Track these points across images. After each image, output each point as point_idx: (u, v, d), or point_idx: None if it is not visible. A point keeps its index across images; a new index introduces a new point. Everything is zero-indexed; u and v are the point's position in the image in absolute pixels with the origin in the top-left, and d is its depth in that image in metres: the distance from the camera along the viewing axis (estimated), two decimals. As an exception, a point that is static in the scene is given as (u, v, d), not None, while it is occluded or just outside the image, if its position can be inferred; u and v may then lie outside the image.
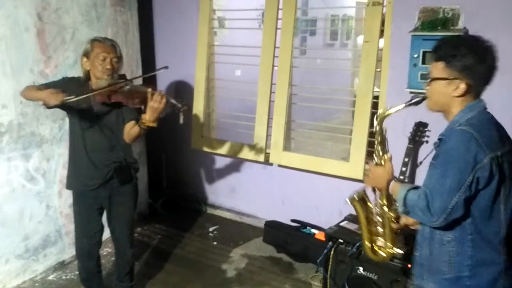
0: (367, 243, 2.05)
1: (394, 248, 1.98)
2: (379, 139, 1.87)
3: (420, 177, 3.10)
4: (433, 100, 1.68)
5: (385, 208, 1.89)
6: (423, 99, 1.73)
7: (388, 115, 1.84)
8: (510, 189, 1.60)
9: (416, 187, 1.69)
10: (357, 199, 2.02)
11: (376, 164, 1.88)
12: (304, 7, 6.39)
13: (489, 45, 1.61)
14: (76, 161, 2.69)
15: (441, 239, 1.66)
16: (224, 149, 4.27)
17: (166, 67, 2.56)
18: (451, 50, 1.59)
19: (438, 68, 1.63)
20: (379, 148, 1.88)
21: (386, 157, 1.85)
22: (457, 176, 1.52)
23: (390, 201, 1.86)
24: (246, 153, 4.11)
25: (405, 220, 1.87)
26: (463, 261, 1.63)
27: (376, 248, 2.04)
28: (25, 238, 3.25)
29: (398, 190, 1.72)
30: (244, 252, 3.80)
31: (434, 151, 1.74)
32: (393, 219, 1.90)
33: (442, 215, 1.55)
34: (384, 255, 2.02)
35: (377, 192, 1.92)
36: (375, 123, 1.89)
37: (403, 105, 1.79)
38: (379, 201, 1.91)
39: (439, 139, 1.68)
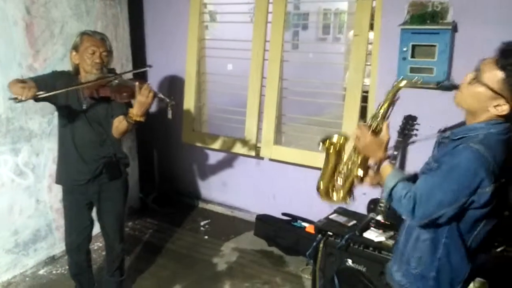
0: (323, 184, 1.93)
1: (347, 198, 1.90)
2: (386, 104, 1.73)
3: (409, 170, 3.13)
4: (467, 101, 1.53)
5: (355, 167, 1.81)
6: (455, 87, 1.59)
7: (403, 87, 1.68)
8: (496, 210, 1.55)
9: (407, 179, 1.63)
10: (332, 147, 1.91)
11: (370, 127, 1.73)
12: (296, 1, 6.38)
13: None
14: (65, 156, 2.67)
15: (418, 235, 1.66)
16: (215, 143, 4.27)
17: (150, 66, 2.56)
18: None
19: (493, 76, 1.44)
20: (381, 112, 1.73)
21: (384, 124, 1.72)
22: (453, 195, 1.46)
23: (364, 164, 1.79)
24: (237, 147, 4.12)
25: (369, 180, 1.77)
26: (432, 261, 1.62)
27: (330, 190, 1.93)
28: (15, 233, 3.24)
29: (388, 177, 1.65)
30: (235, 246, 3.81)
31: (436, 142, 1.70)
32: (358, 177, 1.82)
33: (424, 221, 1.53)
34: (335, 198, 1.92)
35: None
36: (392, 86, 1.73)
37: (433, 84, 1.65)
38: (354, 158, 1.82)
39: (447, 137, 1.60)
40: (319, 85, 4.37)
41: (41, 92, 2.26)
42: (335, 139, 1.92)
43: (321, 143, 1.94)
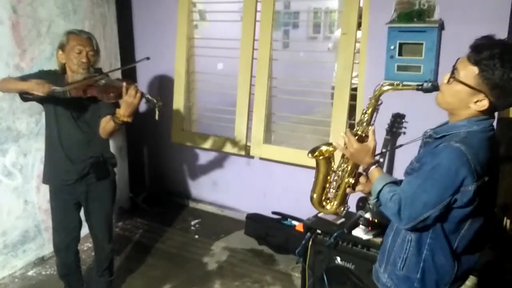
0: (315, 195, 1.97)
1: (341, 207, 1.94)
2: (370, 109, 1.76)
3: (398, 169, 3.14)
4: (447, 100, 1.53)
5: (347, 174, 1.84)
6: (434, 88, 1.58)
7: (387, 91, 1.70)
8: (482, 210, 1.54)
9: (394, 182, 1.64)
10: (322, 157, 1.92)
11: (357, 134, 1.76)
12: (286, 0, 6.38)
13: None
14: (52, 156, 2.66)
15: (404, 236, 1.65)
16: (205, 143, 4.26)
17: (148, 58, 2.51)
18: (495, 61, 1.38)
19: (468, 72, 1.44)
20: (366, 117, 1.77)
21: (370, 129, 1.75)
22: (437, 195, 1.45)
23: (355, 171, 1.82)
24: (227, 147, 4.12)
25: (361, 188, 1.79)
26: (417, 262, 1.61)
27: (324, 201, 1.97)
28: (3, 234, 3.22)
29: (375, 181, 1.67)
30: (226, 245, 3.81)
31: (421, 142, 1.70)
32: (349, 185, 1.84)
33: (410, 223, 1.52)
34: (329, 208, 1.96)
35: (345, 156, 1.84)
36: (374, 92, 1.75)
37: (410, 87, 1.64)
38: (344, 165, 1.85)
39: (430, 135, 1.60)
40: (309, 84, 4.38)
41: (56, 87, 2.28)
42: (323, 149, 1.94)
43: (309, 154, 1.95)
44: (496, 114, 2.95)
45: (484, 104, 1.45)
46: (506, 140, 3.14)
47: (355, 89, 3.47)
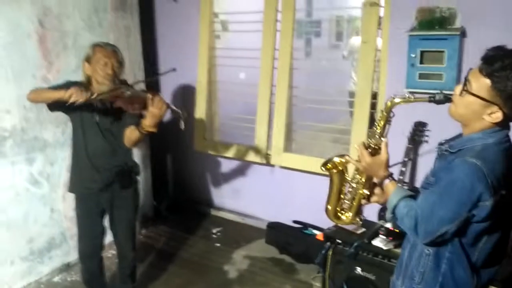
0: (330, 207, 1.96)
1: (356, 218, 1.92)
2: (382, 122, 1.74)
3: (420, 177, 3.11)
4: (460, 112, 1.51)
5: (361, 186, 1.82)
6: (447, 100, 1.56)
7: (399, 103, 1.68)
8: (501, 222, 1.52)
9: (410, 196, 1.62)
10: (335, 170, 1.91)
11: (370, 146, 1.75)
12: (309, 9, 6.40)
13: None
14: (78, 164, 2.73)
15: (422, 249, 1.62)
16: (226, 151, 4.30)
17: (174, 69, 2.57)
18: (507, 72, 1.37)
19: (481, 84, 1.42)
20: (378, 130, 1.75)
21: (383, 142, 1.73)
22: (454, 210, 1.44)
23: (368, 182, 1.81)
24: (248, 155, 4.14)
25: (376, 199, 1.78)
26: (435, 276, 1.59)
27: (339, 212, 1.96)
28: (30, 241, 3.31)
29: (390, 196, 1.65)
30: (246, 253, 3.82)
31: (436, 155, 1.67)
32: (365, 196, 1.82)
33: (428, 238, 1.51)
34: (344, 219, 1.95)
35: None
36: (385, 105, 1.73)
37: (423, 99, 1.63)
38: (358, 177, 1.83)
39: (446, 149, 1.58)
40: (330, 93, 4.38)
41: (95, 94, 2.35)
42: (336, 160, 1.93)
43: (323, 167, 1.95)
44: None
45: (498, 116, 1.43)
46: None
47: (375, 97, 3.45)
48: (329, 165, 1.94)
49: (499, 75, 1.38)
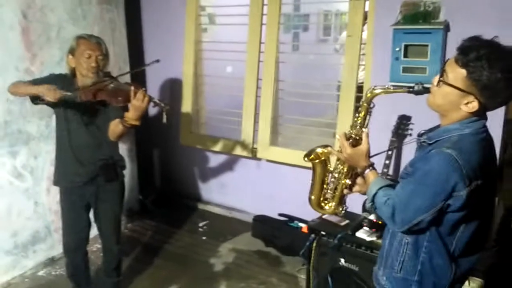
0: (313, 197, 1.98)
1: (339, 208, 1.94)
2: (362, 112, 1.77)
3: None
4: (437, 102, 1.52)
5: (342, 176, 1.85)
6: (426, 91, 1.58)
7: (379, 94, 1.70)
8: (478, 212, 1.54)
9: (389, 185, 1.65)
10: (317, 160, 1.94)
11: (351, 137, 1.77)
12: (296, 3, 6.38)
13: None
14: (62, 158, 2.71)
15: (401, 239, 1.65)
16: (213, 145, 4.30)
17: (158, 61, 2.54)
18: (480, 61, 1.38)
19: (456, 74, 1.43)
20: (359, 120, 1.77)
21: (364, 132, 1.75)
22: (429, 200, 1.46)
23: (350, 172, 1.83)
24: (234, 149, 4.15)
25: (358, 189, 1.80)
26: (414, 265, 1.62)
27: (322, 202, 1.98)
28: (14, 235, 3.29)
29: (370, 185, 1.69)
30: (233, 247, 3.83)
31: (416, 146, 1.70)
32: (347, 186, 1.85)
33: (404, 226, 1.53)
34: (327, 208, 1.98)
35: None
36: (365, 96, 1.76)
37: (401, 89, 1.65)
38: (340, 167, 1.86)
39: (424, 141, 1.60)
40: (317, 86, 4.39)
41: (67, 93, 2.34)
42: (319, 151, 1.95)
43: (305, 158, 1.97)
44: (502, 115, 2.96)
45: (474, 105, 1.45)
46: (513, 141, 3.12)
47: (360, 91, 3.47)
48: (312, 156, 1.96)
49: (474, 65, 1.39)
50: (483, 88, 1.41)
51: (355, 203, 2.96)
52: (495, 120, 2.95)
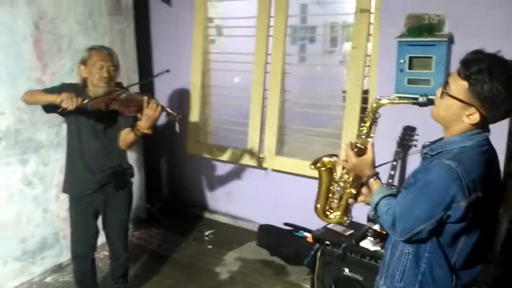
0: (319, 206, 2.01)
1: (344, 217, 1.97)
2: (368, 122, 1.80)
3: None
4: (441, 114, 1.55)
5: (348, 185, 1.88)
6: (430, 103, 1.61)
7: (384, 104, 1.74)
8: (479, 225, 1.55)
9: (392, 195, 1.68)
10: (324, 168, 1.96)
11: (357, 146, 1.80)
12: (303, 15, 6.46)
13: None
14: (72, 166, 2.76)
15: (402, 249, 1.66)
16: (220, 154, 4.34)
17: (168, 71, 2.61)
18: (481, 74, 1.41)
19: (459, 87, 1.46)
20: (365, 130, 1.81)
21: (369, 142, 1.79)
22: (429, 210, 1.48)
23: (355, 181, 1.86)
24: (241, 158, 4.19)
25: (363, 199, 1.83)
26: (415, 275, 1.62)
27: (327, 211, 2.01)
28: (23, 241, 3.33)
29: (374, 193, 1.71)
30: (238, 256, 3.86)
31: (420, 157, 1.71)
32: (352, 196, 1.87)
33: (404, 236, 1.55)
34: (332, 218, 2.00)
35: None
36: (370, 106, 1.80)
37: (406, 101, 1.69)
38: (345, 176, 1.89)
39: (427, 152, 1.62)
40: (323, 97, 4.43)
41: (85, 101, 2.40)
42: (325, 160, 1.98)
43: (312, 166, 2.00)
44: (506, 127, 2.98)
45: (476, 117, 1.47)
46: (518, 153, 3.13)
47: (365, 102, 3.51)
48: (319, 164, 1.98)
49: (476, 78, 1.42)
50: (484, 100, 1.43)
51: (359, 213, 3.00)
52: (499, 132, 2.99)
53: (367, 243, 2.70)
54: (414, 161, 3.18)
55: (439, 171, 1.47)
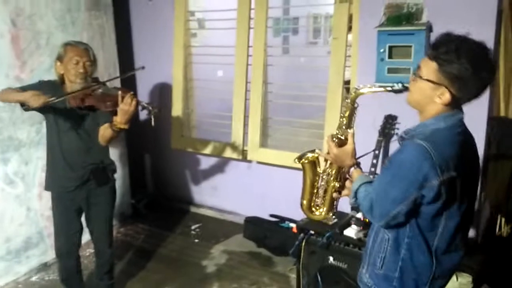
0: (305, 201, 2.03)
1: (329, 213, 1.99)
2: (347, 113, 1.82)
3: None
4: (415, 98, 1.59)
5: (332, 178, 1.90)
6: (405, 89, 1.64)
7: (363, 93, 1.76)
8: (458, 207, 1.56)
9: (372, 182, 1.69)
10: (307, 161, 1.98)
11: (338, 137, 1.83)
12: (285, 6, 6.46)
13: (490, 57, 1.48)
14: (53, 163, 2.74)
15: (382, 235, 1.68)
16: (204, 148, 4.34)
17: (143, 67, 2.59)
18: (449, 54, 1.45)
19: (429, 68, 1.51)
20: (345, 121, 1.83)
21: (349, 133, 1.81)
22: (403, 190, 1.50)
23: (339, 173, 1.88)
24: (225, 151, 4.19)
25: (347, 192, 1.85)
26: (395, 261, 1.64)
27: (313, 207, 2.03)
28: (7, 241, 3.30)
29: (354, 181, 1.74)
30: (225, 248, 3.87)
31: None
32: (336, 189, 1.90)
33: (383, 220, 1.57)
34: (318, 214, 2.02)
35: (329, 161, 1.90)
36: (349, 96, 1.81)
37: (383, 89, 1.70)
38: (329, 169, 1.91)
39: (401, 136, 1.65)
40: (306, 88, 4.44)
41: (51, 98, 2.36)
42: (309, 155, 1.99)
43: (296, 160, 2.02)
44: (485, 114, 3.02)
45: (447, 97, 1.50)
46: (497, 138, 3.17)
47: (348, 92, 3.53)
48: (303, 160, 2.00)
49: (444, 58, 1.46)
50: (454, 79, 1.47)
51: (343, 202, 3.03)
52: (478, 117, 3.03)
53: (351, 231, 2.72)
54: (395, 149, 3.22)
55: (411, 150, 1.49)
